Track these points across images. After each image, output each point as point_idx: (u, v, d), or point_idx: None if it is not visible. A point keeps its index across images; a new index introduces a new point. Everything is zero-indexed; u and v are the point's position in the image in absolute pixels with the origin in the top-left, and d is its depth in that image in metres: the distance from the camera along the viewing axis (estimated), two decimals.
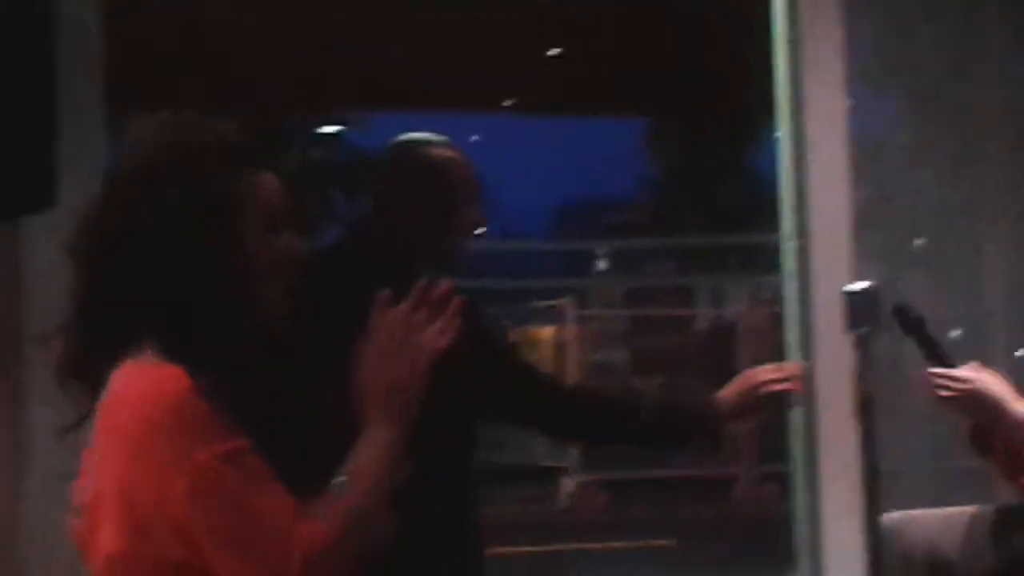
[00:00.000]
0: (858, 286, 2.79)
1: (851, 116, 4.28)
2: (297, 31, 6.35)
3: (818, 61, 4.24)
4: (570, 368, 16.88)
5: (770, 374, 3.34)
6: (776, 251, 4.46)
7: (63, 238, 2.25)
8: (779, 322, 4.52)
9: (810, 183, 4.21)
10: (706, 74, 7.21)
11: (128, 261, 2.15)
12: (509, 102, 8.07)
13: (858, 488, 3.02)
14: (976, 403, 3.09)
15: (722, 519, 14.13)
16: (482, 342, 3.22)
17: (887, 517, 3.04)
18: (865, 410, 2.79)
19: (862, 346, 2.76)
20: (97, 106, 3.77)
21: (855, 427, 3.02)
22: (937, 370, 3.14)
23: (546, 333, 17.75)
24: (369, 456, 2.20)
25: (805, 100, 4.23)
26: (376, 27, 6.45)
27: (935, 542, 3.14)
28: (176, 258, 2.14)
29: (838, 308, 2.97)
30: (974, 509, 3.22)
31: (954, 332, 4.56)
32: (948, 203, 4.47)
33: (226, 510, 2.08)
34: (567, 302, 17.68)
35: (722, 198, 22.53)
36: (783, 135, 4.30)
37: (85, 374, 2.21)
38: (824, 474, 4.13)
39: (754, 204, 19.59)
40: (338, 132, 21.62)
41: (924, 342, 3.19)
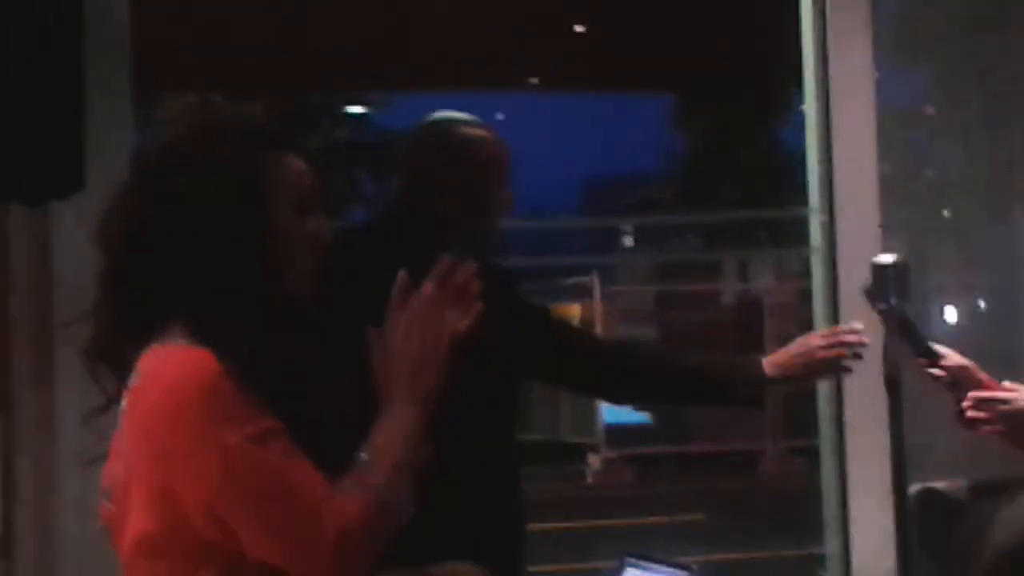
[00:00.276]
0: (886, 259, 2.77)
1: (877, 88, 4.26)
2: (322, 12, 6.35)
3: (845, 33, 4.23)
4: None
5: (825, 339, 3.31)
6: (803, 225, 4.45)
7: (91, 223, 2.26)
8: (806, 296, 4.51)
9: (837, 156, 4.20)
10: (732, 48, 7.19)
11: (156, 245, 2.17)
12: (535, 79, 8.05)
13: (885, 461, 3.01)
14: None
15: (749, 494, 14.12)
16: (521, 313, 3.22)
17: (915, 489, 3.03)
18: (893, 383, 2.78)
19: (889, 319, 2.75)
20: (124, 91, 3.78)
21: (883, 400, 3.01)
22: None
23: (573, 310, 17.74)
24: (392, 433, 2.21)
25: (832, 73, 4.22)
26: (401, 6, 6.45)
27: (964, 514, 3.13)
28: (204, 241, 2.15)
29: (865, 281, 2.96)
30: (1003, 480, 3.21)
31: (981, 303, 4.55)
32: (975, 174, 4.45)
33: (258, 491, 2.09)
34: (594, 279, 17.67)
35: (749, 173, 22.47)
36: (810, 108, 4.29)
37: (113, 358, 2.23)
38: (851, 447, 4.13)
39: (781, 178, 19.55)
40: (363, 113, 21.64)
41: (906, 335, 3.18)
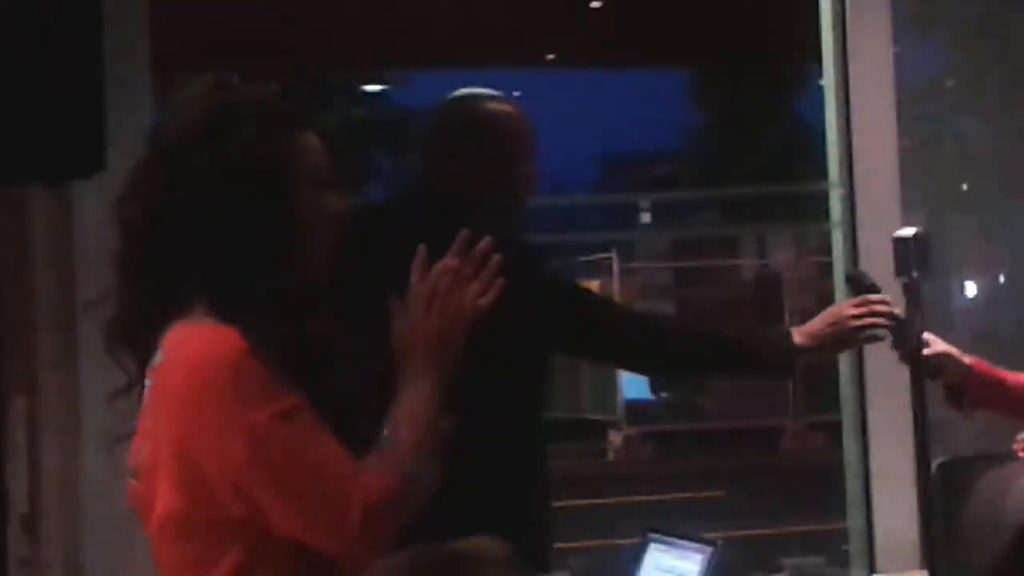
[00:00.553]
0: (907, 231, 2.77)
1: (896, 61, 4.25)
2: None
3: (864, 6, 4.21)
4: None
5: (856, 309, 3.29)
6: (822, 199, 4.44)
7: (112, 202, 2.27)
8: (825, 271, 4.50)
9: (856, 130, 4.19)
10: (750, 22, 7.16)
11: (177, 223, 2.17)
12: (551, 56, 8.03)
13: (908, 435, 3.01)
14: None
15: (769, 470, 14.12)
16: (549, 289, 3.20)
17: (938, 463, 3.03)
18: (915, 356, 2.78)
19: (911, 292, 2.75)
20: (143, 70, 3.78)
21: (905, 374, 3.01)
22: None
23: (592, 286, 17.75)
24: (413, 409, 2.22)
25: (851, 46, 4.20)
26: None
27: (987, 486, 3.13)
28: (226, 219, 2.15)
29: (885, 256, 2.96)
30: None
31: (1001, 277, 4.54)
32: (994, 147, 4.44)
33: (285, 468, 2.10)
34: (613, 256, 17.67)
35: (767, 147, 22.42)
36: (828, 82, 4.27)
37: (135, 337, 2.23)
38: (874, 422, 4.13)
39: (799, 153, 19.49)
40: (380, 91, 21.61)
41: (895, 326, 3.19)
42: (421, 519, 2.16)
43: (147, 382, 2.20)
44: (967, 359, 3.14)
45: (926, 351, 3.11)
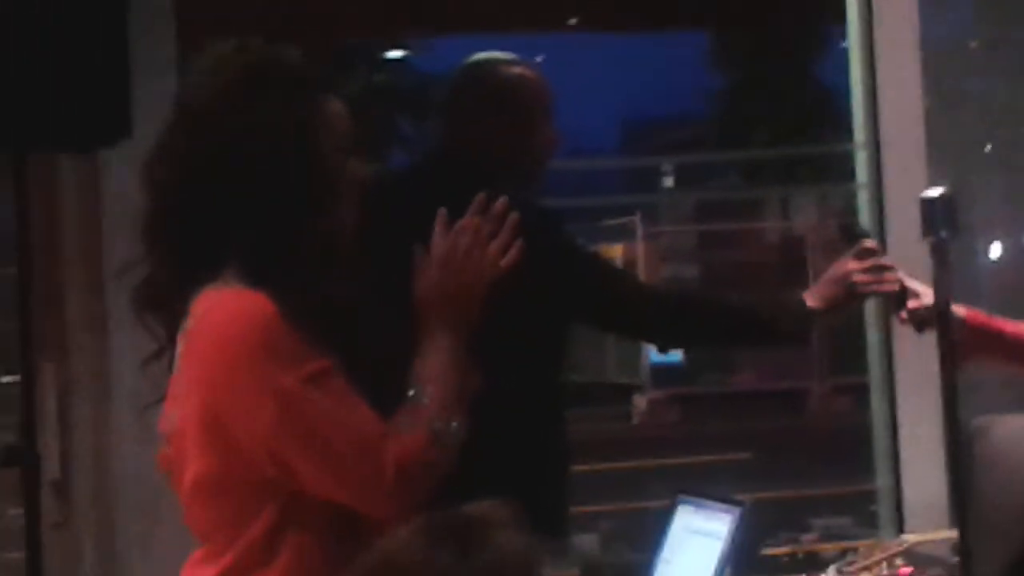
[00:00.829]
0: (934, 192, 2.75)
1: (920, 21, 4.23)
2: None
3: None
4: None
5: (860, 262, 3.28)
6: (845, 161, 4.43)
7: (140, 169, 2.27)
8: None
9: (882, 90, 4.17)
10: None
11: (206, 187, 2.18)
12: (573, 20, 8.01)
13: (936, 396, 3.01)
14: None
15: (796, 432, 14.11)
16: (568, 255, 3.20)
17: (968, 423, 3.03)
18: (943, 315, 2.77)
19: (939, 253, 2.74)
20: (168, 37, 3.79)
21: (932, 333, 3.01)
22: None
23: (616, 251, 17.73)
24: (437, 366, 2.24)
25: (876, 6, 4.18)
26: None
27: (1016, 446, 3.13)
28: (254, 183, 2.16)
29: (912, 216, 2.94)
30: None
31: None
32: (1018, 108, 4.42)
33: (316, 430, 2.11)
34: (636, 220, 17.64)
35: (788, 110, 22.35)
36: (853, 43, 4.25)
37: (164, 303, 2.24)
38: (901, 382, 4.12)
39: (821, 114, 19.42)
40: (402, 57, 21.59)
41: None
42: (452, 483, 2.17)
43: (178, 347, 2.22)
44: (962, 310, 3.12)
45: (915, 303, 3.11)
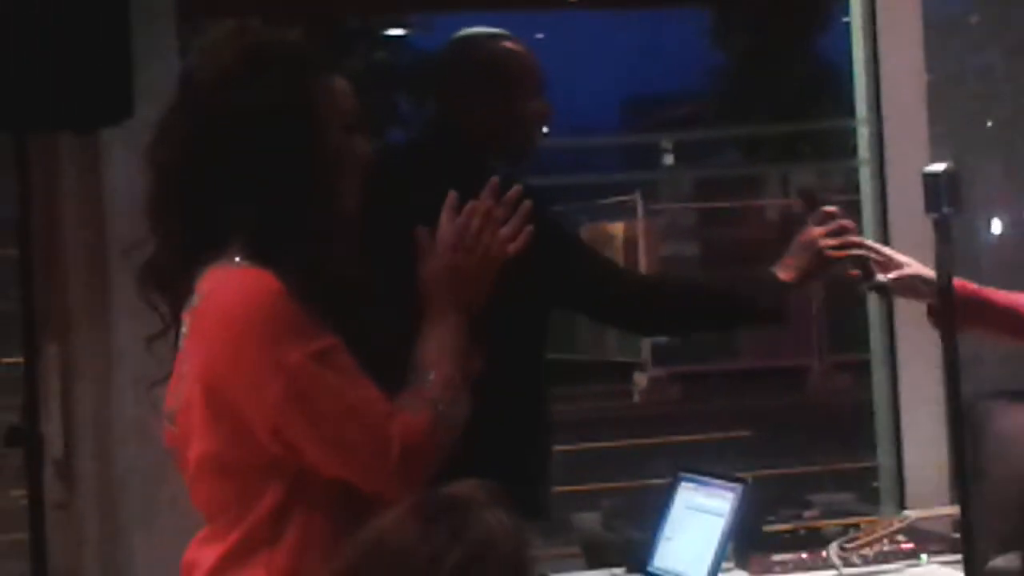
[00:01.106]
0: (937, 167, 2.74)
1: None
2: None
3: None
4: (642, 263, 16.89)
5: (823, 230, 3.28)
6: (846, 137, 4.42)
7: (141, 148, 2.27)
8: (849, 209, 4.48)
9: (884, 66, 4.16)
10: None
11: (211, 166, 2.18)
12: None
13: (937, 372, 3.02)
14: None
15: (796, 409, 14.13)
16: (549, 236, 3.19)
17: (968, 400, 3.03)
18: (944, 294, 2.77)
19: (941, 229, 2.74)
20: (168, 17, 3.78)
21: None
22: None
23: (616, 229, 17.73)
24: (443, 346, 2.25)
25: None
26: None
27: (1018, 423, 3.13)
28: (258, 162, 2.16)
29: (914, 192, 2.94)
30: None
31: None
32: (1019, 84, 4.42)
33: (322, 407, 2.12)
34: (637, 197, 17.64)
35: (790, 85, 22.33)
36: (855, 17, 4.24)
37: (169, 281, 2.25)
38: (902, 358, 4.13)
39: (821, 91, 19.41)
40: (402, 35, 21.56)
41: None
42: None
43: (183, 326, 2.22)
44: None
45: (895, 273, 3.12)
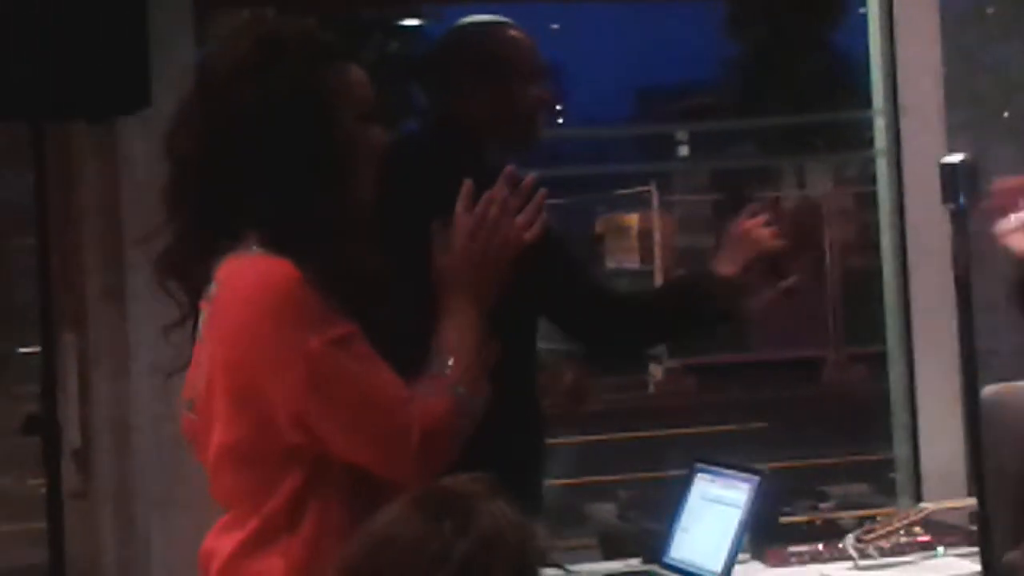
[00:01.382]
0: (955, 158, 2.74)
1: None
2: None
3: None
4: (656, 254, 16.90)
5: (754, 222, 3.27)
6: (861, 128, 4.42)
7: (157, 138, 2.28)
8: (864, 201, 4.48)
9: (901, 56, 4.16)
10: None
11: (229, 155, 2.18)
12: None
13: (954, 365, 3.01)
14: None
15: (812, 401, 14.12)
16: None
17: (986, 391, 3.02)
18: (962, 283, 2.76)
19: (958, 220, 2.73)
20: (185, 7, 3.78)
21: (950, 302, 3.00)
22: None
23: (631, 220, 17.73)
24: (460, 335, 2.26)
25: None
26: None
27: None
28: (276, 151, 2.17)
29: (930, 184, 2.93)
30: None
31: None
32: None
33: (344, 393, 2.12)
34: (652, 188, 17.64)
35: (804, 77, 22.29)
36: (872, 8, 4.24)
37: (185, 271, 2.25)
38: (919, 350, 4.12)
39: (838, 81, 19.37)
40: (416, 25, 21.55)
41: None
42: None
43: (201, 314, 2.22)
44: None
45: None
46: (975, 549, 2.81)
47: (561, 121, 3.43)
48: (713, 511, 3.12)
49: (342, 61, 2.27)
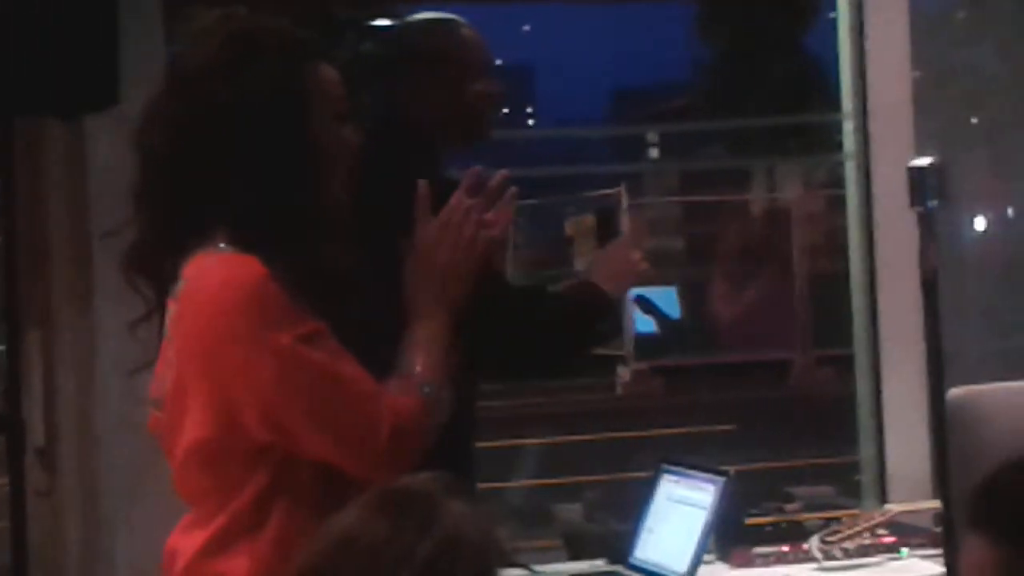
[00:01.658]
0: (923, 161, 2.75)
1: None
2: None
3: None
4: None
5: (636, 252, 3.27)
6: (831, 132, 4.43)
7: (126, 135, 2.27)
8: (833, 204, 4.50)
9: (870, 61, 4.17)
10: None
11: (199, 153, 2.18)
12: None
13: (920, 367, 3.02)
14: None
15: (779, 403, 14.12)
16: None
17: (951, 394, 3.04)
18: (929, 286, 2.78)
19: (926, 224, 2.75)
20: (155, 4, 3.77)
21: (917, 305, 3.01)
22: None
23: None
24: (429, 337, 2.28)
25: None
26: None
27: (999, 417, 3.14)
28: (247, 148, 2.16)
29: (899, 187, 2.95)
30: None
31: (1010, 211, 4.54)
32: (1005, 80, 4.43)
33: (313, 390, 2.13)
34: (622, 191, 17.62)
35: (775, 80, 22.33)
36: (842, 12, 4.25)
37: (153, 268, 2.25)
38: (886, 353, 4.14)
39: (809, 85, 19.41)
40: (391, 25, 21.54)
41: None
42: None
43: (168, 311, 2.22)
44: None
45: None
46: (939, 551, 2.83)
47: (532, 122, 3.41)
48: (679, 512, 3.13)
49: (314, 59, 2.27)
